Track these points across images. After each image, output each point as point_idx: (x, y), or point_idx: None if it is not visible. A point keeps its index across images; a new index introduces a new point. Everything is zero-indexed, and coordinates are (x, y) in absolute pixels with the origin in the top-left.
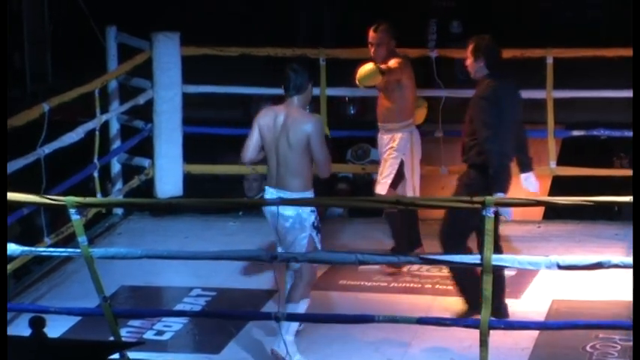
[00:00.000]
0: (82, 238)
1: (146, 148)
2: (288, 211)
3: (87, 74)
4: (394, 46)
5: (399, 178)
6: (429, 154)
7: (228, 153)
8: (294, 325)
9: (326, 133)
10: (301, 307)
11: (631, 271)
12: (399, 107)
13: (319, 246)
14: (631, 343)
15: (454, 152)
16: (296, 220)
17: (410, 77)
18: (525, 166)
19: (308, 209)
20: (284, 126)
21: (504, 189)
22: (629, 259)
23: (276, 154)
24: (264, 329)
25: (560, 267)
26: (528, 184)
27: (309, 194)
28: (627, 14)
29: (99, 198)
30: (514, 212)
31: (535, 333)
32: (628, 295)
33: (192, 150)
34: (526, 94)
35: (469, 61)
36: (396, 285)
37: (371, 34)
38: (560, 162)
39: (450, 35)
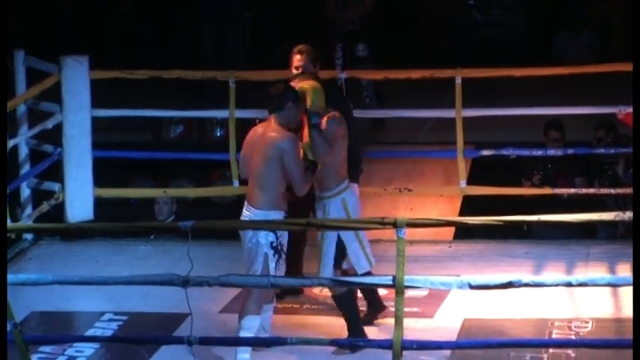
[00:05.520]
0: None
1: (56, 173)
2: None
3: None
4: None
5: (341, 253)
6: None
7: (139, 176)
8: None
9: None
10: (246, 324)
11: (541, 289)
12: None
13: (273, 267)
14: None
15: (365, 173)
16: (252, 234)
17: (345, 135)
18: None
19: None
20: (260, 142)
21: None
22: (539, 278)
23: (251, 169)
24: (177, 353)
25: (471, 287)
26: None
27: (275, 214)
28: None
29: (8, 223)
30: (425, 233)
31: (448, 352)
32: (538, 313)
33: (103, 174)
34: (435, 114)
35: None
36: (309, 307)
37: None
38: (471, 182)
39: (356, 58)
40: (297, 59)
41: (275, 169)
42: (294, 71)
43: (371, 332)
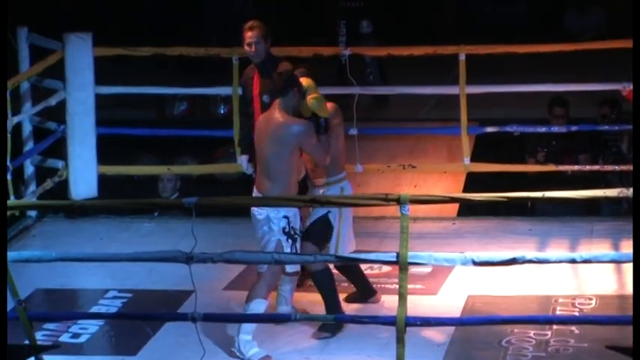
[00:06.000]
0: None
1: (60, 150)
2: (261, 210)
3: None
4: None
5: (324, 238)
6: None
7: (143, 154)
8: (249, 325)
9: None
10: (253, 307)
11: (545, 266)
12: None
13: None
14: (545, 338)
15: (369, 150)
16: (265, 221)
17: (341, 122)
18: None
19: (280, 214)
20: (266, 130)
21: None
22: (543, 254)
23: (259, 156)
24: (181, 330)
25: (475, 263)
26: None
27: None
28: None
29: (12, 200)
30: (429, 209)
31: (451, 329)
32: (542, 290)
33: (107, 151)
34: (439, 90)
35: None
36: (312, 283)
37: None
38: (474, 158)
39: (360, 35)
40: (248, 36)
41: (286, 157)
42: (247, 48)
43: (375, 309)
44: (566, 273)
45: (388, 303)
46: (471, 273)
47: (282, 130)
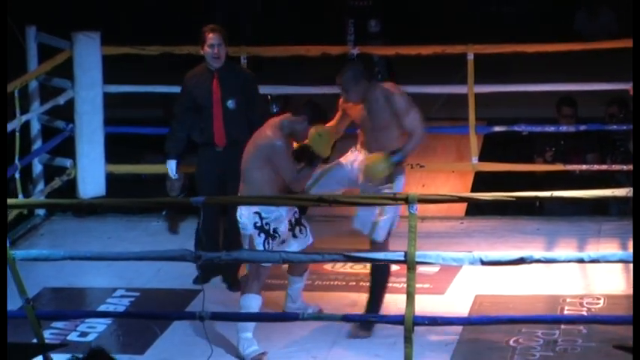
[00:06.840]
0: None
1: (68, 149)
2: (239, 212)
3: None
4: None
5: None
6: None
7: (151, 152)
8: (247, 322)
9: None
10: (243, 303)
11: (553, 265)
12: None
13: (260, 248)
14: (553, 337)
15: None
16: (241, 223)
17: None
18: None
19: (251, 210)
20: (254, 141)
21: None
22: (551, 254)
23: (242, 167)
24: (189, 329)
25: (483, 263)
26: None
27: (254, 209)
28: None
29: (20, 199)
30: (437, 209)
31: (459, 328)
32: (550, 289)
33: (115, 150)
34: (448, 89)
35: None
36: (320, 283)
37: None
38: (483, 158)
39: (368, 34)
40: (211, 37)
41: (264, 170)
42: (208, 50)
43: (382, 309)
44: (574, 272)
45: (396, 302)
46: (479, 272)
47: (263, 142)
